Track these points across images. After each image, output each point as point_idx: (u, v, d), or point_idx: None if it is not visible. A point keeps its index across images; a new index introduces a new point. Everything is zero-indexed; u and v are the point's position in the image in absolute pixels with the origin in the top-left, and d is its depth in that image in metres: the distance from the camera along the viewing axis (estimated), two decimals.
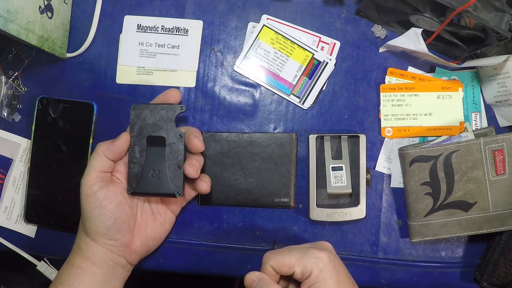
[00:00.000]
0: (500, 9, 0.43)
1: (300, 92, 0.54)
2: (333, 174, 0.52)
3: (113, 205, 0.45)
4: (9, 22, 0.43)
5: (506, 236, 0.51)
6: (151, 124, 0.46)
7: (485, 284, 0.52)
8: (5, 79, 0.54)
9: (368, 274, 0.54)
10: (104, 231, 0.45)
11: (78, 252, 0.46)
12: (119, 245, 0.46)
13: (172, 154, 0.46)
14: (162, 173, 0.46)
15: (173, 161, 0.46)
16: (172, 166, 0.46)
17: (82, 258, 0.46)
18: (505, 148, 0.50)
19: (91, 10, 0.54)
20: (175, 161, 0.46)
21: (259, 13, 0.54)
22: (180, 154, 0.46)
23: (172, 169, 0.46)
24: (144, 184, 0.46)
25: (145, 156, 0.46)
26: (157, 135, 0.46)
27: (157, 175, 0.46)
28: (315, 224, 0.54)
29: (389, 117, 0.54)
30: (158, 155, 0.46)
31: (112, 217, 0.45)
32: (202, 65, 0.55)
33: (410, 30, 0.49)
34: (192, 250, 0.54)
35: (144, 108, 0.47)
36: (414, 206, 0.51)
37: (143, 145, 0.46)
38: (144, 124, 0.46)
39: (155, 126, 0.46)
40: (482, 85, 0.54)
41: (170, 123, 0.46)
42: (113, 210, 0.45)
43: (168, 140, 0.46)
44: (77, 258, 0.46)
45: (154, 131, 0.46)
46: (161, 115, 0.46)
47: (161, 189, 0.46)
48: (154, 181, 0.46)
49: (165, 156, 0.46)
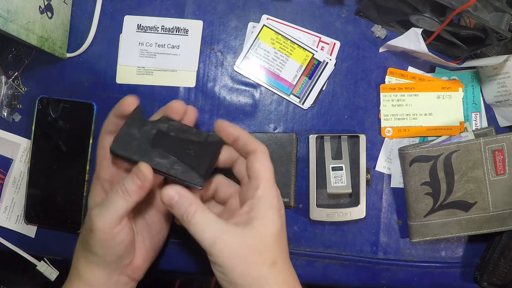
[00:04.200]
0: (500, 9, 0.43)
1: (300, 92, 0.54)
2: (333, 174, 0.52)
3: (125, 234, 0.40)
4: (9, 22, 0.43)
5: (506, 236, 0.51)
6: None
7: (485, 284, 0.52)
8: (5, 79, 0.54)
9: (368, 275, 0.54)
10: (115, 260, 0.40)
11: (76, 277, 0.42)
12: (123, 266, 0.42)
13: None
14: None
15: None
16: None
17: (81, 283, 0.41)
18: (505, 148, 0.50)
19: (91, 10, 0.54)
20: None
21: (259, 13, 0.54)
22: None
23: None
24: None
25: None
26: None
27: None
28: (315, 224, 0.54)
29: (389, 117, 0.54)
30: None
31: (123, 246, 0.40)
32: (202, 65, 0.55)
33: (410, 30, 0.49)
34: (193, 250, 0.54)
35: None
36: (414, 206, 0.51)
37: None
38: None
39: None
40: (482, 85, 0.54)
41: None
42: (125, 240, 0.40)
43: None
44: (75, 284, 0.41)
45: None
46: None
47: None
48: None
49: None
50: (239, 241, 0.38)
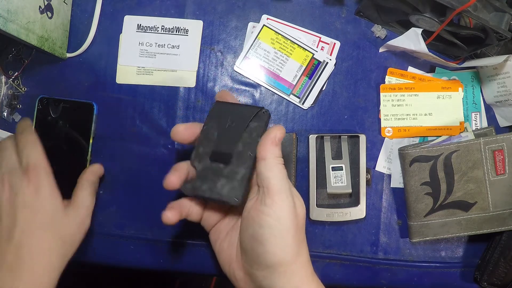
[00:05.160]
0: (500, 9, 0.43)
1: (300, 92, 0.54)
2: (333, 174, 0.52)
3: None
4: (9, 22, 0.43)
5: (506, 236, 0.51)
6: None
7: (485, 284, 0.52)
8: (5, 79, 0.54)
9: (368, 275, 0.54)
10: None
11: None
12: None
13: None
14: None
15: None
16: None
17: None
18: (505, 148, 0.50)
19: (91, 10, 0.54)
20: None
21: (259, 13, 0.54)
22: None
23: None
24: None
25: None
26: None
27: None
28: (315, 224, 0.54)
29: (389, 117, 0.54)
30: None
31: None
32: (202, 65, 0.55)
33: (410, 30, 0.49)
34: (193, 250, 0.54)
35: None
36: (414, 206, 0.51)
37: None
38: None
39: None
40: (482, 85, 0.54)
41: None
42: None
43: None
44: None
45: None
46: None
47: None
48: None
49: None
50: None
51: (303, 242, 0.40)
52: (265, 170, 0.38)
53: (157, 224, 0.54)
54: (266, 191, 0.38)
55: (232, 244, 0.42)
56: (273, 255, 0.37)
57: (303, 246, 0.39)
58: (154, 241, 0.54)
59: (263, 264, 0.37)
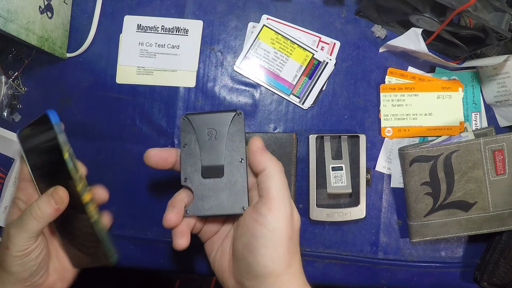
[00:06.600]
0: (500, 9, 0.43)
1: (300, 92, 0.54)
2: (333, 174, 0.52)
3: (39, 251, 0.40)
4: (9, 22, 0.43)
5: (506, 236, 0.51)
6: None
7: (485, 284, 0.52)
8: (5, 79, 0.54)
9: (368, 274, 0.54)
10: (28, 276, 0.40)
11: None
12: (37, 284, 0.41)
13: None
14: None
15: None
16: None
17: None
18: (505, 148, 0.50)
19: (91, 10, 0.54)
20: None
21: (259, 13, 0.54)
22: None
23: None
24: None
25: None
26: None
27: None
28: (315, 224, 0.54)
29: (389, 117, 0.54)
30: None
31: (37, 262, 0.40)
32: (202, 65, 0.55)
33: (410, 30, 0.49)
34: (193, 250, 0.54)
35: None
36: (414, 206, 0.51)
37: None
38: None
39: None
40: (482, 85, 0.54)
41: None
42: (38, 257, 0.40)
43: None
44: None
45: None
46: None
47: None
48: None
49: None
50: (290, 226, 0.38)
51: (296, 253, 0.39)
52: (266, 179, 0.38)
53: (157, 224, 0.54)
54: (264, 200, 0.38)
55: (225, 253, 0.42)
56: (263, 266, 0.36)
57: (296, 257, 0.39)
58: (154, 241, 0.54)
59: (253, 274, 0.37)
